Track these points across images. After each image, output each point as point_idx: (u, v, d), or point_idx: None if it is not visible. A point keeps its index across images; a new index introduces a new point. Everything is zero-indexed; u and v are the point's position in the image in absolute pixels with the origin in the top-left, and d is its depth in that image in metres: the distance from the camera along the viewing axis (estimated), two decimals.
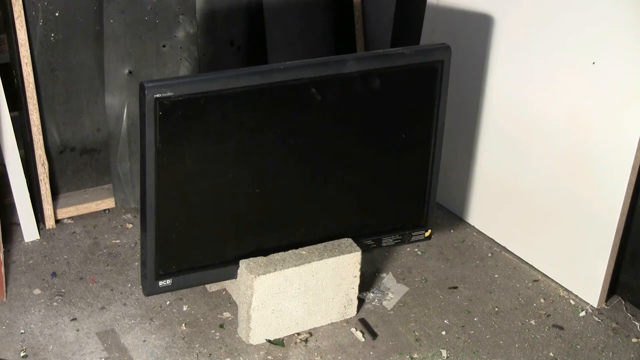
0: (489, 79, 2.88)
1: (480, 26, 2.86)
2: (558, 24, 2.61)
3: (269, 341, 2.46)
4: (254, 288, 2.36)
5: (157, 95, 2.14)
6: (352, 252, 2.48)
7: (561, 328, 2.58)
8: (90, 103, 3.01)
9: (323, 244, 2.50)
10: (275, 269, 2.38)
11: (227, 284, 2.63)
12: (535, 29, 2.68)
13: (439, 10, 3.05)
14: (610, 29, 2.46)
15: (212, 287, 2.65)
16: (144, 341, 2.45)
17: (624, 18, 2.42)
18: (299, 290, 2.44)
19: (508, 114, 2.84)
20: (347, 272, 2.49)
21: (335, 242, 2.52)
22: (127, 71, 2.96)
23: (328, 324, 2.54)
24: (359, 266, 2.50)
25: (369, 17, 3.56)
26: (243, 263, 2.40)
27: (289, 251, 2.46)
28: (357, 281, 2.53)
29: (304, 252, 2.46)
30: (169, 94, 2.15)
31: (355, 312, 2.59)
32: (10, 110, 2.81)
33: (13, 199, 2.89)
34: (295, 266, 2.40)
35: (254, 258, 2.42)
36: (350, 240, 2.53)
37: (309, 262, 2.42)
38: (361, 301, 2.63)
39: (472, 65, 2.92)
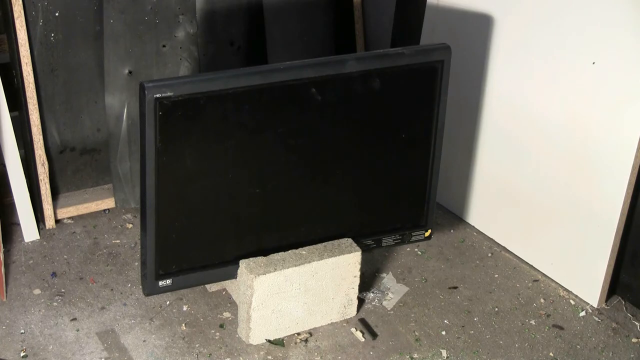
0: (489, 79, 2.88)
1: (480, 26, 2.86)
2: (558, 24, 2.60)
3: (269, 341, 2.45)
4: (254, 288, 2.36)
5: (157, 95, 2.14)
6: (352, 252, 2.48)
7: (561, 328, 2.58)
8: (90, 103, 3.01)
9: (323, 244, 2.50)
10: (275, 269, 2.38)
11: (227, 284, 2.63)
12: (535, 29, 2.68)
13: (439, 10, 3.05)
14: (610, 29, 2.46)
15: (212, 287, 2.65)
16: (144, 341, 2.45)
17: (624, 18, 2.42)
18: (299, 290, 2.44)
19: (508, 114, 2.83)
20: (347, 272, 2.49)
21: (335, 242, 2.52)
22: (127, 71, 2.96)
23: (328, 324, 2.54)
24: (359, 266, 2.50)
25: (369, 17, 3.56)
26: (243, 263, 2.40)
27: (289, 251, 2.46)
28: (357, 281, 2.53)
29: (304, 252, 2.46)
30: (169, 94, 2.15)
31: (355, 312, 2.59)
32: (10, 110, 2.81)
33: (13, 199, 2.89)
34: (295, 266, 2.40)
35: (254, 258, 2.42)
36: (350, 240, 2.53)
37: (309, 262, 2.42)
38: (361, 301, 2.63)
39: (472, 65, 2.92)
